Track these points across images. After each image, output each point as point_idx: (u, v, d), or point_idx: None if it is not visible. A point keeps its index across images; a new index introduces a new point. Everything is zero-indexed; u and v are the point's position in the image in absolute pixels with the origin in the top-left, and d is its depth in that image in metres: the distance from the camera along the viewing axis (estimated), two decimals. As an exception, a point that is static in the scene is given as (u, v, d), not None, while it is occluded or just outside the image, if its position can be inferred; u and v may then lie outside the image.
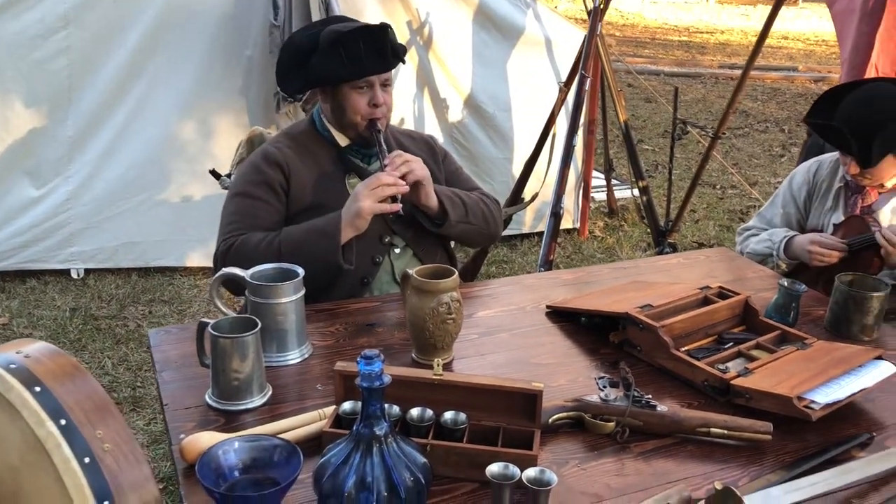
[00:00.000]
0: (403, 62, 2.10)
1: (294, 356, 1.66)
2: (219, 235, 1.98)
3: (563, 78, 3.91)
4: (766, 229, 2.47)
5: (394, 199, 1.91)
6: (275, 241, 1.89)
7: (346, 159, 2.08)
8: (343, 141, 2.08)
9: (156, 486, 1.08)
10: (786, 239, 2.34)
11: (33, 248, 3.81)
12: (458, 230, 2.06)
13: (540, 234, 4.63)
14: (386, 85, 2.04)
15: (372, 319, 1.86)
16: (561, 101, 3.69)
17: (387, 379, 1.17)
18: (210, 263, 4.05)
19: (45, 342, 1.16)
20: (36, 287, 3.82)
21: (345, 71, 1.97)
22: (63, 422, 1.02)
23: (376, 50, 1.97)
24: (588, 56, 3.41)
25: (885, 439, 1.45)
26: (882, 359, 1.58)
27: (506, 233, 4.12)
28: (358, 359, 1.16)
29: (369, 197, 1.88)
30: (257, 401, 1.49)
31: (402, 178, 1.91)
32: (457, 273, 1.64)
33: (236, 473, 1.04)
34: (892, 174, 2.23)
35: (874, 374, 1.54)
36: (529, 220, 4.65)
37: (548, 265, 3.20)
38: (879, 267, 2.18)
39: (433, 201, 2.00)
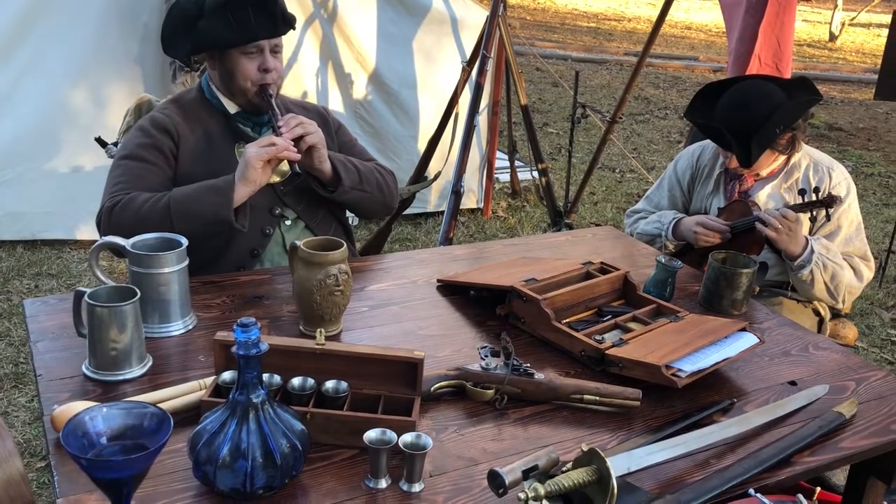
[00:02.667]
0: (294, 28, 2.08)
1: (177, 327, 1.63)
2: (103, 197, 1.92)
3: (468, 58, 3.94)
4: (654, 212, 2.58)
5: (290, 162, 1.90)
6: (163, 199, 1.85)
7: (236, 127, 2.06)
8: (232, 108, 2.05)
9: (20, 461, 1.06)
10: (674, 221, 2.44)
11: None
12: (351, 196, 2.06)
13: (443, 212, 4.67)
14: (276, 51, 2.02)
15: (260, 292, 1.85)
16: (464, 80, 3.72)
17: (264, 346, 1.17)
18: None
19: None
20: None
21: (233, 35, 1.94)
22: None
23: (266, 14, 1.95)
24: (490, 36, 3.45)
25: (745, 405, 1.55)
26: (746, 331, 1.69)
27: (409, 211, 4.15)
28: (234, 327, 1.16)
29: (258, 151, 1.85)
30: (136, 371, 1.47)
31: (296, 141, 1.89)
32: (345, 245, 1.65)
33: (104, 440, 1.02)
34: (768, 165, 2.36)
35: (738, 344, 1.64)
36: (434, 198, 4.68)
37: (448, 242, 3.24)
38: (760, 248, 2.31)
39: (326, 166, 1.99)
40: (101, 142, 2.26)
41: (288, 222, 2.08)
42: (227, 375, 1.36)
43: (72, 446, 0.97)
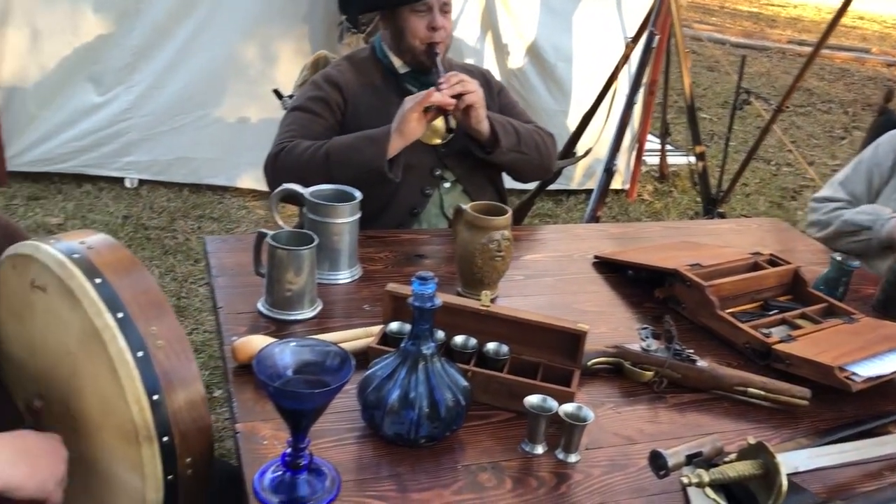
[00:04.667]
0: None
1: (344, 276, 1.70)
2: (273, 145, 2.01)
3: (630, 34, 3.83)
4: (849, 199, 2.36)
5: (446, 118, 1.91)
6: (324, 146, 1.91)
7: (403, 87, 2.10)
8: (401, 67, 2.10)
9: (202, 386, 1.13)
10: (892, 218, 2.23)
11: (91, 153, 3.91)
12: (509, 158, 2.05)
13: (586, 191, 4.60)
14: (445, 10, 2.04)
15: (420, 251, 1.89)
16: (626, 57, 3.62)
17: (438, 301, 1.20)
18: (261, 187, 4.12)
19: (106, 235, 1.20)
20: (91, 192, 3.92)
21: None
22: (120, 315, 1.06)
23: None
24: (659, 13, 3.34)
25: (923, 419, 1.45)
26: (929, 341, 1.57)
27: (552, 187, 4.11)
28: (413, 279, 1.19)
29: (414, 101, 1.89)
30: (307, 313, 1.54)
31: (456, 98, 1.91)
32: (510, 212, 1.66)
33: (289, 373, 1.08)
34: None
35: (919, 355, 1.53)
36: (578, 176, 4.62)
37: (594, 221, 3.19)
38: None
39: (485, 126, 1.99)
40: (277, 94, 2.36)
41: (447, 184, 2.11)
42: (395, 326, 1.41)
43: (262, 373, 1.03)
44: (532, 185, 3.58)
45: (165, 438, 1.06)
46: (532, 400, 1.24)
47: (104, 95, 3.83)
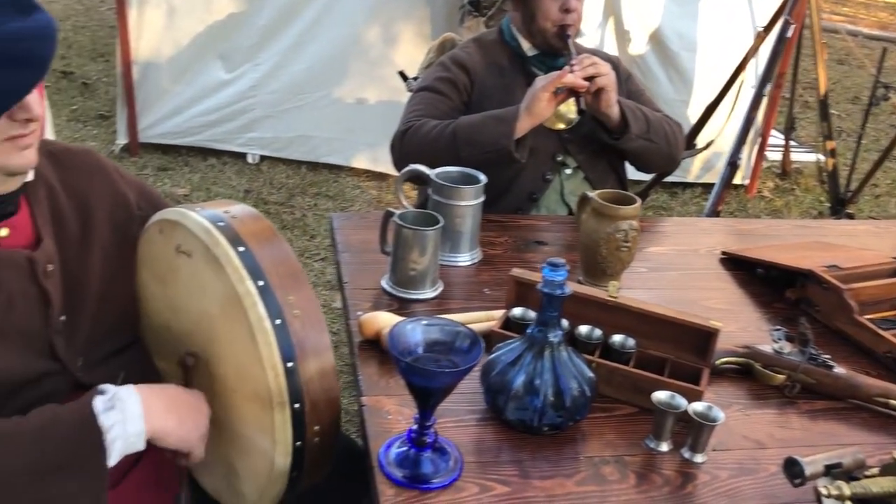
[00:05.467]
0: None
1: (465, 258, 1.70)
2: (399, 124, 2.03)
3: (760, 23, 3.67)
4: None
5: (577, 100, 1.89)
6: (450, 125, 1.91)
7: (530, 70, 2.07)
8: (530, 50, 2.08)
9: (333, 356, 1.15)
10: None
11: (217, 128, 4.06)
12: (636, 145, 2.00)
13: (703, 184, 4.46)
14: None
15: (540, 237, 1.87)
16: (756, 47, 3.47)
17: (568, 290, 1.18)
18: (375, 167, 4.19)
19: (247, 205, 1.25)
20: (215, 165, 4.08)
21: None
22: (261, 283, 1.09)
23: None
24: (796, 1, 3.17)
25: None
26: None
27: (668, 179, 4.00)
28: (544, 265, 1.18)
29: (546, 80, 1.86)
30: (429, 293, 1.55)
31: (587, 80, 1.87)
32: (640, 201, 1.61)
33: (419, 350, 1.09)
34: None
35: None
36: (696, 168, 4.47)
37: (714, 215, 3.08)
38: None
39: (615, 111, 1.94)
40: (402, 76, 2.38)
41: (568, 171, 2.08)
42: (518, 311, 1.40)
43: (394, 348, 1.04)
44: (648, 177, 3.49)
45: (297, 405, 1.08)
46: (660, 396, 1.21)
47: (232, 73, 3.98)
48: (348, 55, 3.97)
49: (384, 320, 1.37)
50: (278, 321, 1.08)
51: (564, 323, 1.38)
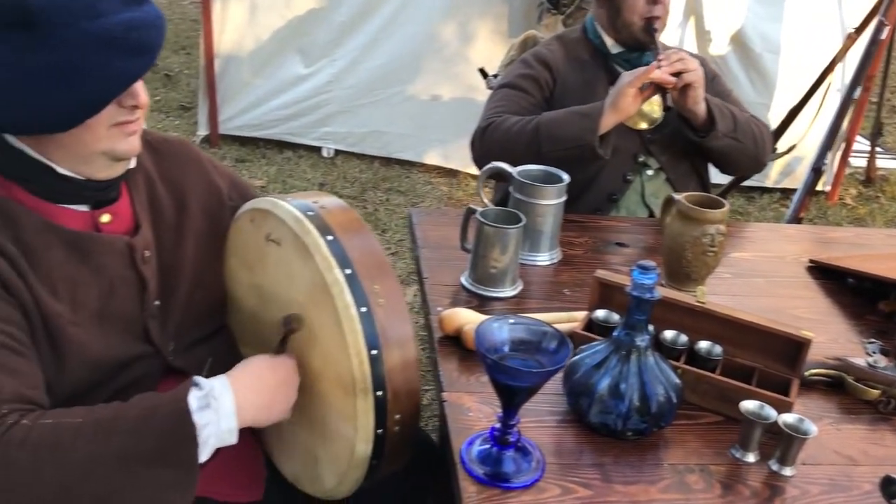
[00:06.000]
0: None
1: (544, 258, 1.69)
2: (480, 120, 2.02)
3: (850, 25, 3.54)
4: None
5: (663, 97, 1.85)
6: (533, 121, 1.89)
7: (612, 68, 2.04)
8: (614, 48, 2.05)
9: (416, 347, 1.15)
10: None
11: (294, 122, 4.13)
12: (722, 144, 1.94)
13: (782, 190, 4.33)
14: None
15: (620, 239, 1.84)
16: (846, 49, 3.35)
17: (657, 293, 1.16)
18: (446, 164, 4.20)
19: (335, 196, 1.26)
20: (291, 158, 4.15)
21: None
22: (348, 271, 1.10)
23: None
24: (892, 1, 3.05)
25: None
26: None
27: (746, 182, 3.89)
28: (634, 267, 1.15)
29: (633, 76, 1.82)
30: (508, 291, 1.54)
31: (675, 76, 1.83)
32: (727, 205, 1.57)
33: (505, 349, 1.08)
34: None
35: None
36: (775, 173, 4.34)
37: (796, 222, 2.99)
38: None
39: (701, 108, 1.89)
40: (483, 73, 2.38)
41: (649, 172, 2.05)
42: (601, 313, 1.38)
43: (481, 346, 1.04)
44: (726, 179, 3.40)
45: (379, 393, 1.09)
46: (748, 406, 1.18)
47: (310, 67, 4.03)
48: (424, 52, 3.98)
49: (465, 317, 1.37)
50: (364, 309, 1.09)
51: (650, 327, 1.35)
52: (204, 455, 1.04)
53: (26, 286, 1.08)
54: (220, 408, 1.06)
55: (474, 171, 4.09)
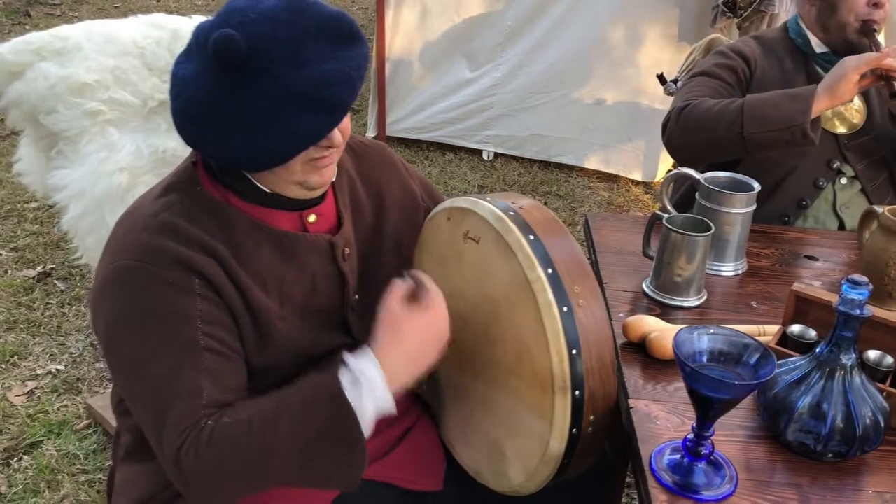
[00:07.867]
0: None
1: (729, 268, 1.64)
2: (672, 105, 1.95)
3: None
4: None
5: (889, 84, 1.71)
6: (736, 101, 1.80)
7: (813, 70, 1.95)
8: (819, 48, 1.95)
9: (613, 350, 1.15)
10: None
11: (457, 125, 4.21)
12: None
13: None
14: None
15: (810, 251, 1.76)
16: None
17: (868, 311, 1.10)
18: (607, 168, 4.14)
19: (533, 199, 1.28)
20: (452, 161, 4.24)
21: None
22: (550, 271, 1.12)
23: None
24: None
25: None
26: None
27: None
28: (844, 281, 1.10)
29: (861, 60, 1.70)
30: (692, 301, 1.51)
31: None
32: (940, 221, 1.47)
33: (703, 358, 1.06)
34: None
35: None
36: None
37: None
38: None
39: None
40: (661, 79, 2.34)
41: (843, 180, 1.94)
42: (797, 328, 1.32)
43: (680, 353, 1.03)
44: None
45: (577, 392, 1.10)
46: (968, 436, 1.09)
47: (475, 71, 4.10)
48: (590, 55, 3.95)
49: (651, 325, 1.36)
50: (565, 308, 1.10)
51: (851, 346, 1.29)
52: (366, 429, 1.08)
53: (236, 287, 1.15)
54: (372, 383, 1.08)
55: (636, 176, 4.06)
